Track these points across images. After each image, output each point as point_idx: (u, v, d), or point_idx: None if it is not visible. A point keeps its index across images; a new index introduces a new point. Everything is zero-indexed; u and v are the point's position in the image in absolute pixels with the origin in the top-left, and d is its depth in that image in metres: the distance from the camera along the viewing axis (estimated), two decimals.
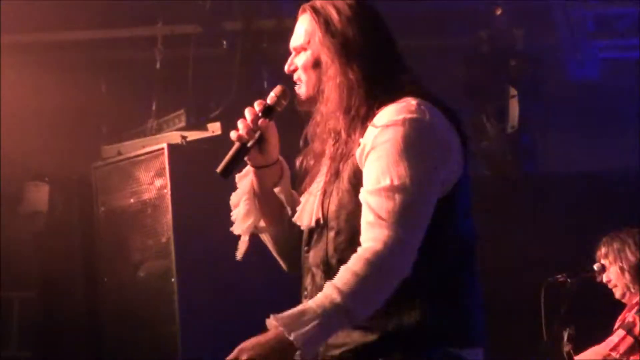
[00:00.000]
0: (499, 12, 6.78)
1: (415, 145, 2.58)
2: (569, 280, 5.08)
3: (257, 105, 2.81)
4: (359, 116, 2.69)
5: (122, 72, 7.19)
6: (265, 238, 2.97)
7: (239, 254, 2.94)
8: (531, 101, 6.89)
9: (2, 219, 6.78)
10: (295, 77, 2.83)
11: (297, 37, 2.83)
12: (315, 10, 2.80)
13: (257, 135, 2.79)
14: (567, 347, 4.99)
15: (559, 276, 5.11)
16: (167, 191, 5.72)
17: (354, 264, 2.51)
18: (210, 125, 6.09)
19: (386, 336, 2.59)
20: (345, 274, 2.50)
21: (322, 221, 2.72)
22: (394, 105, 2.64)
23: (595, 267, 5.17)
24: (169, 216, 5.70)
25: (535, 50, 6.92)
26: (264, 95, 2.91)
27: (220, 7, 6.71)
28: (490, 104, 6.97)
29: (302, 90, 2.81)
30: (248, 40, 6.55)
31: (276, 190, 2.88)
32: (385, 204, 2.54)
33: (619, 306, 5.23)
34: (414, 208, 2.55)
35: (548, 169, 7.11)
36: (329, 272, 2.66)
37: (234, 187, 2.94)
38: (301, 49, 2.82)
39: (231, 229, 2.94)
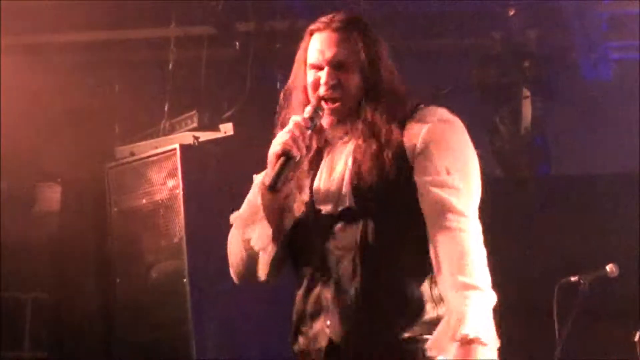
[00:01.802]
0: (512, 13, 6.77)
1: (468, 144, 2.75)
2: (582, 281, 5.07)
3: (303, 121, 2.75)
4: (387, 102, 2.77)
5: (135, 73, 7.19)
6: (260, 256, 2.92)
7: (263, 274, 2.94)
8: (544, 102, 6.87)
9: (15, 220, 6.78)
10: (328, 93, 2.77)
11: (342, 53, 2.77)
12: (365, 34, 2.78)
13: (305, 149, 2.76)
14: None
15: (572, 277, 5.10)
16: (179, 192, 5.72)
17: (477, 309, 2.60)
18: (222, 126, 6.08)
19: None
20: (478, 320, 2.60)
21: (354, 205, 2.70)
22: (434, 107, 2.77)
23: (608, 268, 5.15)
24: (181, 217, 5.70)
25: (549, 51, 6.90)
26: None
27: (233, 8, 6.71)
28: (504, 105, 6.96)
29: (338, 107, 2.78)
30: (261, 41, 6.55)
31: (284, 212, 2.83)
32: (455, 200, 2.66)
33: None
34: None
35: (561, 171, 7.08)
36: (370, 255, 2.68)
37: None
38: (349, 66, 2.77)
39: (253, 244, 2.93)
